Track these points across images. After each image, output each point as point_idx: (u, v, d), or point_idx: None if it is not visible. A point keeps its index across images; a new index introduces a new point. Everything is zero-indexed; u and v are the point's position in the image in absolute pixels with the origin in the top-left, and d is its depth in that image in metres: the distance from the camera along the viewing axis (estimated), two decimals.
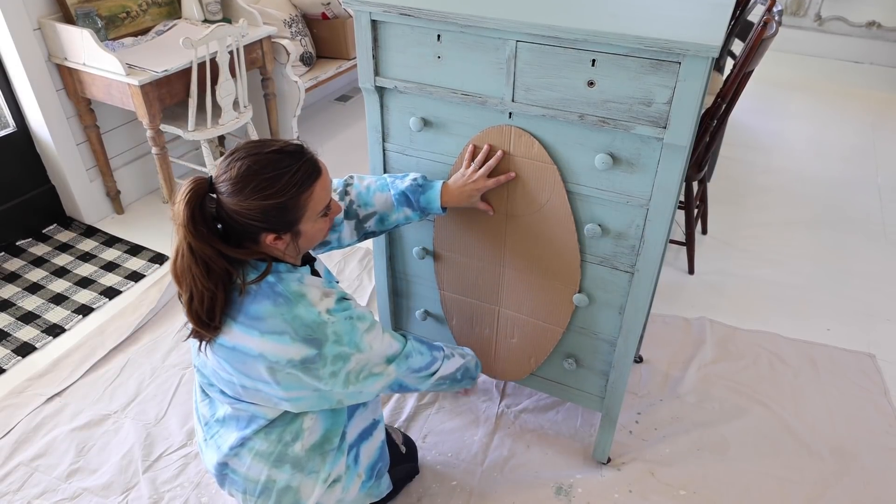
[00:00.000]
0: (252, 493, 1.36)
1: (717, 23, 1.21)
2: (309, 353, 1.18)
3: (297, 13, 3.34)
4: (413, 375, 1.38)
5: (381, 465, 1.54)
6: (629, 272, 1.46)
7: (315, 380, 1.22)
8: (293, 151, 1.17)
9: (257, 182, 1.13)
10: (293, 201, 1.16)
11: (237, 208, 1.14)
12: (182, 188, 1.14)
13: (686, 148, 1.24)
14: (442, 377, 1.46)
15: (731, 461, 1.84)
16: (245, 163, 1.13)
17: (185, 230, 1.12)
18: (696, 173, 2.32)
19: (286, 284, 1.19)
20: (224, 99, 2.61)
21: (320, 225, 1.25)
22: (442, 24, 1.31)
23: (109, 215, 2.92)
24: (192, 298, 1.16)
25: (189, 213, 1.12)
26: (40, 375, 2.10)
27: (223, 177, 1.14)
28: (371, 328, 1.27)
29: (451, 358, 1.50)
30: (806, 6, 4.66)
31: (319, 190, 1.20)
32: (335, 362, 1.21)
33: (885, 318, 2.38)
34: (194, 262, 1.13)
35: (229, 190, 1.13)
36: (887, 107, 4.03)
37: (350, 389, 1.27)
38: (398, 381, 1.36)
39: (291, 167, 1.15)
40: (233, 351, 1.20)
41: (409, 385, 1.40)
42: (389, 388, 1.36)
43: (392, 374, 1.32)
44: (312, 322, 1.17)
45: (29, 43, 2.43)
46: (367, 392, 1.31)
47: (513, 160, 1.44)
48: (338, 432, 1.38)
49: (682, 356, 2.19)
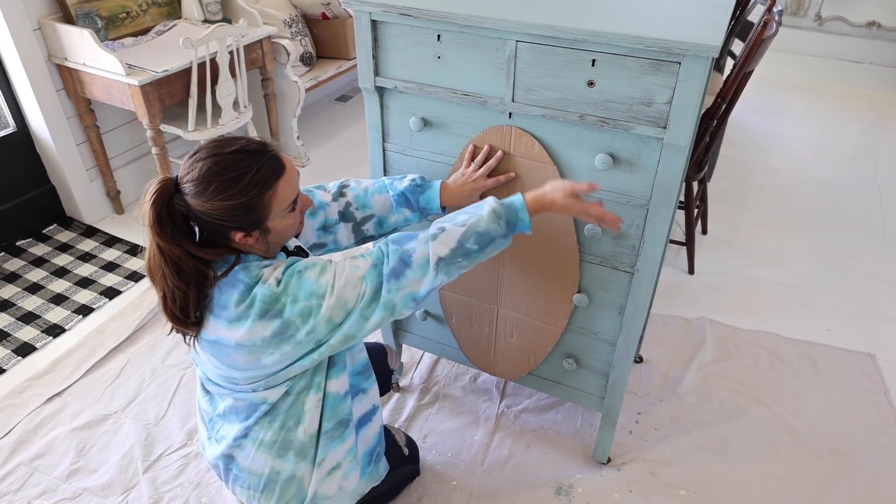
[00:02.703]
0: (256, 489, 1.36)
1: (717, 23, 1.21)
2: (274, 326, 1.17)
3: (297, 13, 3.34)
4: (400, 283, 1.20)
5: (379, 450, 1.53)
6: (629, 272, 1.46)
7: (297, 344, 1.19)
8: (254, 150, 1.16)
9: (219, 183, 1.12)
10: (257, 200, 1.15)
11: (202, 209, 1.14)
12: (148, 188, 1.13)
13: (686, 148, 1.24)
14: (441, 257, 1.21)
15: (731, 461, 1.85)
16: (206, 164, 1.13)
17: (151, 231, 1.13)
18: (696, 173, 2.32)
19: (248, 272, 1.19)
20: (224, 99, 2.61)
21: (289, 220, 1.23)
22: (442, 24, 1.31)
23: (109, 215, 2.92)
24: (165, 296, 1.17)
25: (155, 214, 1.12)
26: (40, 375, 2.10)
27: (187, 178, 1.14)
28: (324, 270, 1.19)
29: (442, 232, 1.23)
30: (806, 6, 4.66)
31: (283, 187, 1.18)
32: (304, 320, 1.17)
33: (885, 318, 2.38)
34: (164, 261, 1.14)
35: (193, 191, 1.13)
36: (887, 107, 4.03)
37: (343, 329, 1.19)
38: (390, 300, 1.20)
39: (252, 167, 1.14)
40: (215, 345, 1.21)
41: (411, 293, 1.21)
42: (390, 308, 1.21)
43: (367, 290, 1.19)
44: (265, 296, 1.16)
45: (29, 43, 2.43)
46: (368, 324, 1.21)
47: (513, 160, 1.44)
48: (329, 417, 1.37)
49: (682, 356, 2.19)
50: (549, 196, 1.28)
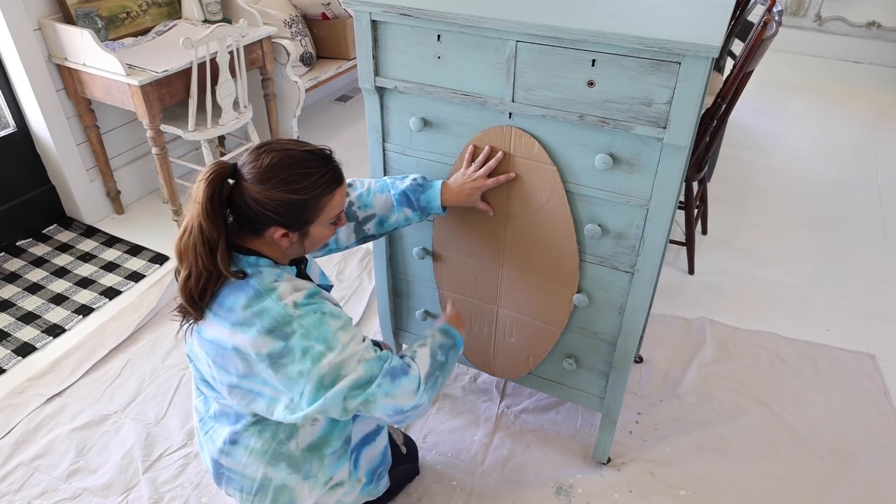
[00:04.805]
0: (249, 492, 1.36)
1: (717, 23, 1.21)
2: (276, 347, 1.17)
3: (297, 13, 3.34)
4: (392, 387, 1.23)
5: (382, 469, 1.54)
6: (629, 272, 1.46)
7: (285, 378, 1.17)
8: (324, 156, 1.21)
9: (286, 175, 1.15)
10: (314, 202, 1.19)
11: (259, 196, 1.15)
12: (206, 168, 1.16)
13: (686, 148, 1.24)
14: (426, 374, 1.30)
15: (731, 461, 1.84)
16: (278, 155, 1.16)
17: (200, 207, 1.14)
18: (696, 173, 2.32)
19: (260, 278, 1.19)
20: (224, 99, 2.61)
21: (327, 232, 1.27)
22: (442, 24, 1.31)
23: (109, 215, 2.92)
24: (190, 276, 1.17)
25: (209, 192, 1.14)
26: (40, 375, 2.10)
27: (250, 165, 1.17)
28: (345, 327, 1.21)
29: (416, 354, 1.33)
30: (806, 6, 4.66)
31: (338, 197, 1.24)
32: (303, 359, 1.17)
33: (885, 318, 2.38)
34: (201, 240, 1.15)
35: (256, 177, 1.15)
36: (887, 107, 4.03)
37: (325, 397, 1.17)
38: (375, 396, 1.21)
39: (320, 169, 1.19)
40: (212, 344, 1.21)
41: (398, 406, 1.24)
42: (371, 405, 1.22)
43: (360, 373, 1.20)
44: (278, 315, 1.17)
45: (29, 43, 2.43)
46: (344, 407, 1.20)
47: (513, 160, 1.44)
48: (339, 436, 1.38)
49: (682, 356, 2.19)
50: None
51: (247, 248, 1.22)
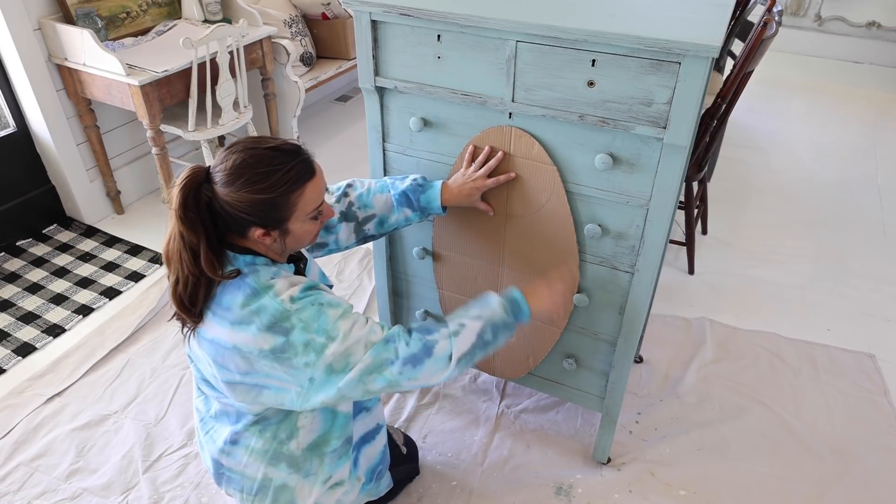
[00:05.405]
0: (249, 492, 1.36)
1: (717, 23, 1.21)
2: (277, 342, 1.17)
3: (297, 13, 3.34)
4: (415, 372, 1.21)
5: (382, 468, 1.54)
6: (629, 272, 1.46)
7: (291, 369, 1.18)
8: (289, 150, 1.19)
9: (249, 175, 1.15)
10: (283, 199, 1.17)
11: (228, 199, 1.16)
12: (181, 174, 1.16)
13: (686, 148, 1.24)
14: (462, 354, 1.24)
15: (731, 461, 1.85)
16: (241, 156, 1.16)
17: (175, 215, 1.15)
18: (696, 173, 2.32)
19: (257, 276, 1.19)
20: (224, 99, 2.61)
21: (309, 227, 1.25)
22: (442, 24, 1.31)
23: (109, 215, 2.92)
24: (178, 281, 1.18)
25: (182, 199, 1.14)
26: (40, 375, 2.10)
27: (219, 167, 1.17)
28: (345, 315, 1.20)
29: (464, 328, 1.26)
30: (806, 6, 4.66)
31: (310, 191, 1.21)
32: (307, 352, 1.17)
33: (885, 318, 2.38)
34: (184, 246, 1.16)
35: (223, 180, 1.15)
36: (887, 107, 4.03)
37: (338, 386, 1.18)
38: (397, 381, 1.21)
39: (284, 165, 1.17)
40: (212, 343, 1.21)
41: (423, 384, 1.23)
42: (395, 386, 1.21)
43: (368, 360, 1.19)
44: (276, 311, 1.16)
45: (29, 43, 2.43)
46: (365, 391, 1.21)
47: (513, 161, 1.44)
48: (339, 435, 1.38)
49: (682, 356, 2.19)
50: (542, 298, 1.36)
51: (241, 248, 1.22)
